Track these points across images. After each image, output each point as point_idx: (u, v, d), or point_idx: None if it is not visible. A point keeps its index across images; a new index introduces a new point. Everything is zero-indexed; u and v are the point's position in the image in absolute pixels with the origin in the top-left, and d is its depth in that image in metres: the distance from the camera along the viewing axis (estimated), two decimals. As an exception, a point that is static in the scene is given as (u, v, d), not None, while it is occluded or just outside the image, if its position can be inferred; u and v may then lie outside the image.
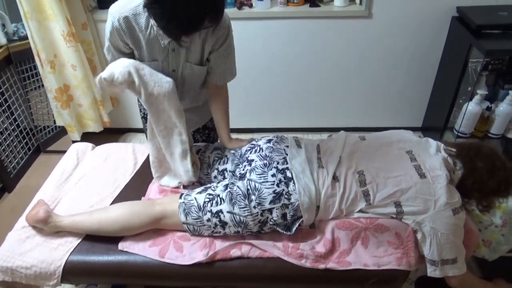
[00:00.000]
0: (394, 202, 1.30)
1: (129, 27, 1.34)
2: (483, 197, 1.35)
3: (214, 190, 1.38)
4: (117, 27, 1.33)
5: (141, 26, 1.33)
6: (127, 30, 1.34)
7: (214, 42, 1.41)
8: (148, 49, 1.40)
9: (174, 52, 1.42)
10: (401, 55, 2.56)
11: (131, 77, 1.36)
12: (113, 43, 1.41)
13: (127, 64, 1.36)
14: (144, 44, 1.38)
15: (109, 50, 1.46)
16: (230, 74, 1.56)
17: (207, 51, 1.44)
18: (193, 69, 1.47)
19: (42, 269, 1.33)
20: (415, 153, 1.37)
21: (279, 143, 1.44)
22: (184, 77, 1.51)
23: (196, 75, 1.51)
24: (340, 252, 1.33)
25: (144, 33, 1.35)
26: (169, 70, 1.48)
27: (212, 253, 1.33)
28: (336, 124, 2.92)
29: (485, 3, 2.32)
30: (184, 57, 1.44)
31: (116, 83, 1.35)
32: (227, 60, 1.50)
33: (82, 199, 1.58)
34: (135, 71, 1.36)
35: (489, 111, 2.29)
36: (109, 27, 1.36)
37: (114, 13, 1.32)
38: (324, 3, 2.45)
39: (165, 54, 1.42)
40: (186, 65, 1.46)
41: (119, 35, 1.36)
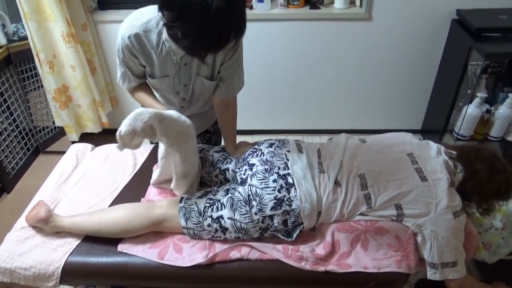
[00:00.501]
0: (395, 204, 1.29)
1: (140, 44, 1.29)
2: (483, 200, 1.35)
3: (214, 194, 1.38)
4: (128, 45, 1.29)
5: (153, 43, 1.29)
6: (139, 47, 1.30)
7: (225, 54, 1.37)
8: (160, 65, 1.36)
9: (186, 67, 1.38)
10: (401, 58, 2.57)
11: (152, 130, 1.27)
12: (126, 65, 1.37)
13: (147, 118, 1.24)
14: (156, 60, 1.34)
15: (125, 76, 1.42)
16: (238, 87, 1.52)
17: (218, 64, 1.40)
18: (204, 83, 1.44)
19: (41, 270, 1.32)
20: (416, 156, 1.37)
21: (280, 147, 1.44)
22: (194, 90, 1.49)
23: (206, 88, 1.48)
24: (340, 255, 1.33)
25: (156, 49, 1.31)
26: (181, 86, 1.45)
27: (211, 255, 1.32)
28: (336, 126, 2.92)
29: (485, 6, 2.32)
30: (195, 71, 1.41)
31: (138, 137, 1.27)
32: (236, 73, 1.45)
33: (82, 199, 1.57)
34: (157, 124, 1.26)
35: (489, 113, 2.29)
36: (120, 46, 1.32)
37: (124, 30, 1.28)
38: (324, 5, 2.45)
39: (177, 69, 1.38)
40: (197, 79, 1.43)
41: (131, 52, 1.32)
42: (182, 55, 1.32)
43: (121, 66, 1.39)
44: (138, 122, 1.24)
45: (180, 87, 1.46)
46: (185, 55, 1.33)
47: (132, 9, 2.40)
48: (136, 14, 1.29)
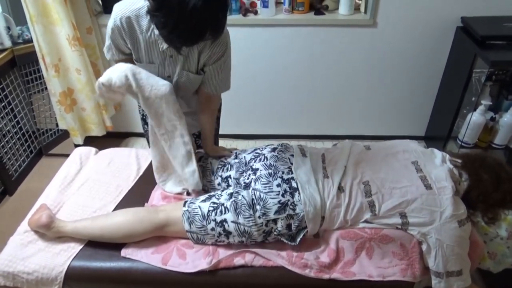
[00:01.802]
0: (400, 213, 1.29)
1: (130, 27, 1.36)
2: (488, 209, 1.34)
3: (218, 198, 1.38)
4: (118, 26, 1.36)
5: (142, 28, 1.36)
6: (128, 30, 1.37)
7: (210, 55, 1.43)
8: (147, 51, 1.42)
9: (172, 58, 1.43)
10: (405, 64, 2.56)
11: (128, 81, 1.38)
12: (113, 41, 1.44)
13: (124, 69, 1.38)
14: (143, 46, 1.40)
15: (110, 48, 1.48)
16: (224, 87, 1.57)
17: (202, 62, 1.46)
18: (189, 77, 1.48)
19: (43, 275, 1.32)
20: (421, 163, 1.37)
21: (283, 152, 1.44)
22: (179, 84, 1.52)
23: (191, 83, 1.52)
24: (345, 263, 1.32)
25: (145, 35, 1.37)
26: (165, 76, 1.49)
27: (215, 261, 1.32)
28: (338, 132, 2.91)
29: (489, 14, 2.32)
30: (181, 65, 1.45)
31: (114, 87, 1.38)
32: (221, 74, 1.50)
33: (85, 204, 1.57)
34: (131, 75, 1.38)
35: (493, 121, 2.29)
36: (110, 25, 1.38)
37: (117, 12, 1.35)
38: (329, 11, 2.45)
39: (163, 58, 1.43)
40: (182, 73, 1.47)
41: (119, 34, 1.39)
42: (169, 46, 1.36)
43: (108, 39, 1.45)
44: (115, 72, 1.38)
45: (164, 78, 1.49)
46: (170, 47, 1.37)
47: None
48: (130, 0, 1.35)
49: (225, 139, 2.96)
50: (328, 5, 2.44)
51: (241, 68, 2.61)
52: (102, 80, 1.38)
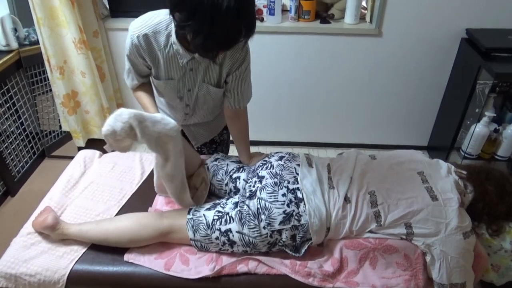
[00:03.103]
0: (405, 223, 1.29)
1: (148, 45, 1.34)
2: (493, 221, 1.34)
3: (223, 207, 1.37)
4: (136, 44, 1.33)
5: (160, 44, 1.33)
6: (146, 48, 1.34)
7: (232, 64, 1.40)
8: (166, 68, 1.39)
9: (192, 72, 1.41)
10: (409, 74, 2.57)
11: (133, 131, 1.26)
12: (132, 62, 1.42)
13: (127, 118, 1.24)
14: (162, 62, 1.38)
15: (129, 72, 1.47)
16: (247, 97, 1.55)
17: (224, 74, 1.43)
18: (209, 90, 1.46)
19: (46, 277, 1.31)
20: (427, 174, 1.37)
21: (290, 161, 1.44)
22: (198, 97, 1.50)
23: (211, 96, 1.50)
24: (348, 272, 1.32)
25: (163, 51, 1.34)
26: (185, 90, 1.47)
27: (218, 268, 1.31)
28: (342, 140, 2.92)
29: (494, 26, 2.34)
30: (201, 77, 1.43)
31: (120, 138, 1.27)
32: (244, 84, 1.48)
33: (89, 207, 1.57)
34: (136, 124, 1.25)
35: (497, 133, 2.29)
36: (128, 45, 1.36)
37: (134, 30, 1.32)
38: (334, 20, 2.47)
39: (182, 73, 1.41)
40: (202, 86, 1.45)
41: (138, 52, 1.36)
42: (189, 59, 1.35)
43: (128, 63, 1.44)
44: (118, 123, 1.24)
45: (184, 92, 1.48)
46: (192, 60, 1.36)
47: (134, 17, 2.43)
48: (148, 16, 1.34)
49: (229, 144, 2.96)
50: (334, 14, 2.46)
51: (246, 74, 2.62)
52: (104, 132, 1.25)
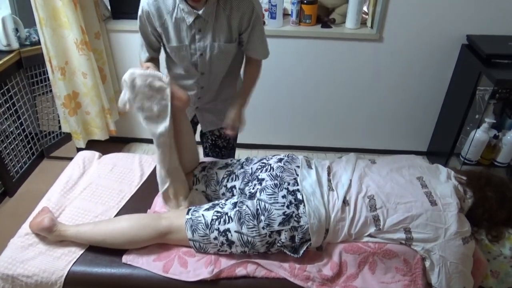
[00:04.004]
0: (404, 228, 1.28)
1: (158, 9, 1.43)
2: (492, 227, 1.34)
3: (222, 207, 1.37)
4: (147, 11, 1.44)
5: (169, 8, 1.42)
6: (156, 13, 1.43)
7: (241, 17, 1.44)
8: (175, 31, 1.46)
9: (201, 33, 1.46)
10: (409, 79, 2.58)
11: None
12: (144, 34, 1.52)
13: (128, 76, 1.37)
14: (171, 26, 1.45)
15: (142, 46, 1.57)
16: (260, 54, 1.61)
17: (235, 28, 1.47)
18: (221, 48, 1.49)
19: (43, 279, 1.31)
20: (426, 179, 1.37)
21: (290, 163, 1.44)
22: (212, 60, 1.52)
23: (224, 54, 1.52)
24: (347, 276, 1.31)
25: (171, 14, 1.43)
26: (197, 55, 1.51)
27: (217, 271, 1.31)
28: (342, 145, 2.92)
29: (495, 33, 2.34)
30: (211, 38, 1.47)
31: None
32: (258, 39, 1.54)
33: (87, 208, 1.56)
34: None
35: (496, 139, 2.29)
36: (139, 13, 1.47)
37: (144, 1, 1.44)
38: (336, 24, 2.47)
39: (192, 35, 1.46)
40: (213, 46, 1.48)
41: (148, 20, 1.46)
42: (195, 18, 1.41)
43: (140, 36, 1.55)
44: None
45: (197, 57, 1.51)
46: (198, 19, 1.42)
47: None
48: None
49: (228, 147, 2.96)
50: (335, 18, 2.46)
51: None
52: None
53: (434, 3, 2.29)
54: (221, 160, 1.68)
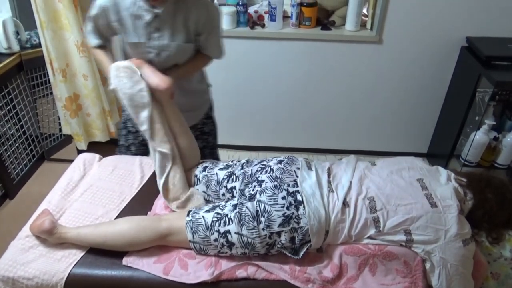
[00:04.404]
0: (404, 230, 1.28)
1: (116, 5, 1.45)
2: (493, 229, 1.34)
3: (222, 209, 1.37)
4: (104, 5, 1.45)
5: (126, 3, 1.44)
6: (112, 8, 1.45)
7: (197, 19, 1.48)
8: (134, 28, 1.47)
9: (159, 32, 1.48)
10: (409, 81, 2.58)
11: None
12: (95, 22, 1.52)
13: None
14: (128, 22, 1.46)
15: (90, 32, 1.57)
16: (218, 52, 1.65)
17: (192, 29, 1.50)
18: (178, 48, 1.52)
19: (44, 281, 1.30)
20: (426, 181, 1.37)
21: (290, 164, 1.44)
22: (168, 59, 1.55)
23: (181, 54, 1.56)
24: (347, 278, 1.31)
25: (129, 10, 1.45)
26: (154, 53, 1.53)
27: (217, 273, 1.31)
28: (342, 146, 2.92)
29: (494, 35, 2.35)
30: (168, 37, 1.49)
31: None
32: (214, 41, 1.59)
33: (88, 210, 1.56)
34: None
35: (496, 141, 2.30)
36: (96, 6, 1.47)
37: None
38: (335, 27, 2.48)
39: (150, 34, 1.48)
40: (170, 45, 1.51)
41: (106, 13, 1.47)
42: (153, 16, 1.43)
43: (90, 24, 1.54)
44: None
45: (153, 55, 1.53)
46: (156, 18, 1.44)
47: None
48: None
49: (229, 149, 2.96)
50: (335, 21, 2.47)
51: (247, 79, 2.63)
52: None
53: (434, 5, 2.29)
54: (222, 161, 1.68)
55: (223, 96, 2.71)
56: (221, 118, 2.80)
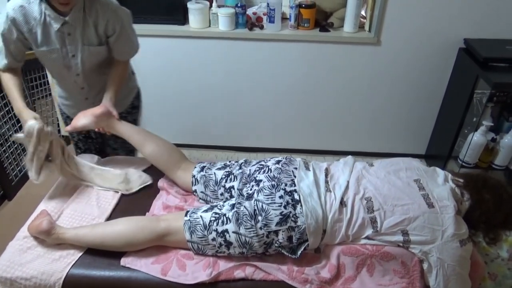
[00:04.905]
0: (402, 230, 1.29)
1: (24, 15, 1.44)
2: (490, 229, 1.34)
3: (220, 209, 1.38)
4: (12, 17, 1.43)
5: (36, 15, 1.44)
6: (23, 19, 1.44)
7: (106, 24, 1.52)
8: (44, 37, 1.47)
9: (70, 36, 1.50)
10: (407, 83, 2.59)
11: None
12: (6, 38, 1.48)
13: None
14: (39, 32, 1.46)
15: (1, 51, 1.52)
16: (129, 52, 1.70)
17: (102, 33, 1.55)
18: (91, 50, 1.56)
19: (42, 281, 1.31)
20: (423, 182, 1.37)
21: (287, 164, 1.45)
22: (84, 61, 1.58)
23: (94, 56, 1.60)
24: (345, 279, 1.32)
25: (38, 20, 1.45)
26: (70, 56, 1.55)
27: (215, 274, 1.31)
28: (340, 148, 2.93)
29: (492, 37, 2.36)
30: (81, 41, 1.52)
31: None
32: (124, 42, 1.62)
33: (85, 211, 1.56)
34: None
35: (494, 142, 2.30)
36: (3, 20, 1.45)
37: (10, 4, 1.43)
38: (334, 28, 2.49)
39: (62, 40, 1.49)
40: (84, 49, 1.55)
41: (15, 26, 1.45)
42: (62, 23, 1.45)
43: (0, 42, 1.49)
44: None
45: (69, 59, 1.56)
46: (66, 25, 1.46)
47: (141, 23, 2.44)
48: None
49: (227, 151, 2.97)
50: (333, 22, 2.48)
51: (245, 81, 2.63)
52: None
53: (432, 7, 2.30)
54: (220, 161, 1.69)
55: (222, 97, 2.72)
56: (220, 119, 2.83)
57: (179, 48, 2.53)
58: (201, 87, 2.68)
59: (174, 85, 2.69)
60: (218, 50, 2.52)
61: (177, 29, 2.47)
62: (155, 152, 1.63)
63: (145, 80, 2.68)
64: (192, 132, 2.92)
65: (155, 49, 2.53)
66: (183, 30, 2.47)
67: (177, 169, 1.63)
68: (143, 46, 1.76)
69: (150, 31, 2.45)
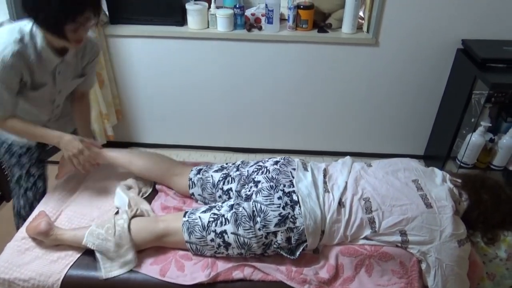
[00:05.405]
0: (400, 230, 1.29)
1: (24, 59, 1.34)
2: (488, 230, 1.35)
3: (219, 210, 1.38)
4: (13, 63, 1.31)
5: (32, 56, 1.36)
6: (23, 63, 1.34)
7: (90, 57, 1.57)
8: (40, 73, 1.42)
9: (60, 74, 1.49)
10: (405, 83, 2.60)
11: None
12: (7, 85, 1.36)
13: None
14: (36, 69, 1.40)
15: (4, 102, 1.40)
16: (92, 81, 1.74)
17: (84, 65, 1.58)
18: (73, 83, 1.60)
19: (40, 282, 1.31)
20: (421, 182, 1.38)
21: (286, 165, 1.45)
22: (62, 93, 1.59)
23: (73, 87, 1.63)
24: (344, 279, 1.32)
25: (34, 61, 1.37)
26: (56, 92, 1.55)
27: (214, 274, 1.31)
28: (338, 148, 2.93)
29: (490, 37, 2.36)
30: (69, 77, 1.55)
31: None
32: (94, 69, 1.69)
33: (83, 212, 1.56)
34: None
35: (492, 143, 2.31)
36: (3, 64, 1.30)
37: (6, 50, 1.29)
38: (332, 29, 2.49)
39: (52, 77, 1.48)
40: (73, 83, 1.59)
41: (15, 69, 1.33)
42: (58, 63, 1.44)
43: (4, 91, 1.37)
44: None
45: (55, 94, 1.56)
46: (61, 63, 1.45)
47: (141, 24, 2.44)
48: (5, 37, 1.32)
49: (226, 152, 2.97)
50: (332, 23, 2.48)
51: (244, 82, 2.64)
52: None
53: (430, 8, 2.31)
54: (217, 163, 1.69)
55: (220, 98, 2.72)
56: (218, 120, 2.83)
57: (178, 49, 2.53)
58: (200, 88, 2.68)
59: (173, 86, 2.69)
60: (217, 51, 2.52)
61: (176, 30, 2.47)
62: (143, 166, 1.65)
63: (143, 81, 2.69)
64: (191, 133, 2.92)
65: (153, 50, 2.53)
66: (181, 31, 2.47)
67: (171, 176, 1.64)
68: (142, 48, 1.76)
69: (148, 32, 2.46)
